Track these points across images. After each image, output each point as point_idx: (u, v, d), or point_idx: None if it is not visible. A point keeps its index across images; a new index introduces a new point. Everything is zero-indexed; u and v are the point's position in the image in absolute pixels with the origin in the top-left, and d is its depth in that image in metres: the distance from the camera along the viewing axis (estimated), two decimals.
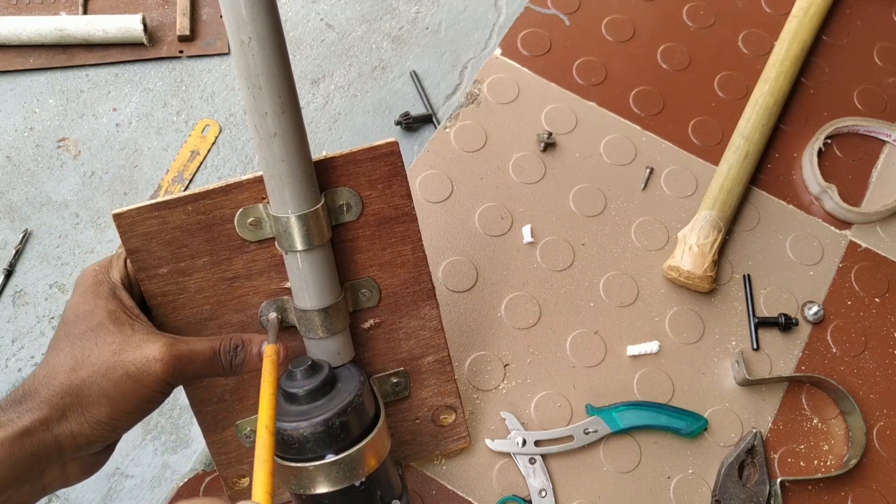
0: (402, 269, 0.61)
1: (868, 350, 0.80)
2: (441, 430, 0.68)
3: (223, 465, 0.62)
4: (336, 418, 0.52)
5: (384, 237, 0.59)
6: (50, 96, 0.93)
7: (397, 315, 0.62)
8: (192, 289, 0.56)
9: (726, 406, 0.77)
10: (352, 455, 0.52)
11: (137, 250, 0.55)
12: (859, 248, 0.85)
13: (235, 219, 0.55)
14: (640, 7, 0.96)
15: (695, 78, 0.93)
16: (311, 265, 0.54)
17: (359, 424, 0.53)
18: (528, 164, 0.85)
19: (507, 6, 0.99)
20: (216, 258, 0.56)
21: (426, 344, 0.64)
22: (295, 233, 0.53)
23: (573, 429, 0.73)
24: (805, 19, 0.92)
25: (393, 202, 0.59)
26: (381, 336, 0.62)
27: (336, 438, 0.51)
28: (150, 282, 0.56)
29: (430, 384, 0.66)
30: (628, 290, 0.81)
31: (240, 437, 0.61)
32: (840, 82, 0.94)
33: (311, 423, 0.51)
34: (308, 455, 0.51)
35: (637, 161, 0.87)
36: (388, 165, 0.58)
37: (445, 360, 0.65)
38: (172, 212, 0.54)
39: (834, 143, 0.90)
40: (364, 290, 0.60)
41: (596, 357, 0.78)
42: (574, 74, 0.91)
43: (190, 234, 0.55)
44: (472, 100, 0.88)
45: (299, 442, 0.51)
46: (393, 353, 0.63)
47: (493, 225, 0.82)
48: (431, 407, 0.67)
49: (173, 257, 0.55)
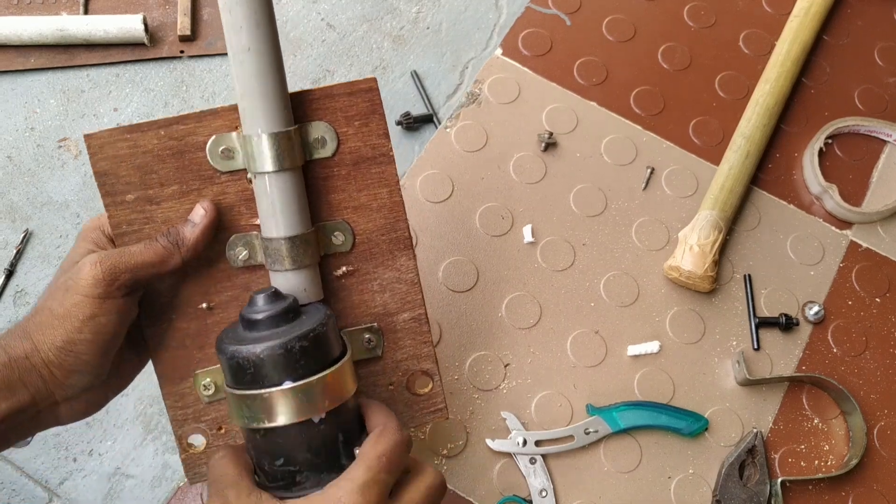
0: (379, 214, 0.59)
1: (869, 350, 0.80)
2: (416, 400, 0.62)
3: (178, 421, 0.58)
4: (296, 342, 0.49)
5: (360, 178, 0.58)
6: (51, 96, 0.93)
7: (372, 264, 0.59)
8: (159, 218, 0.55)
9: (727, 406, 0.77)
10: (311, 384, 0.48)
11: (106, 173, 0.54)
12: (860, 248, 0.85)
13: (207, 146, 0.55)
14: (641, 7, 0.96)
15: (696, 78, 0.93)
16: (280, 189, 0.53)
17: (321, 354, 0.50)
18: (529, 163, 0.85)
19: (508, 6, 0.99)
20: (186, 188, 0.55)
21: (402, 299, 0.60)
22: (266, 152, 0.52)
23: (574, 429, 0.73)
24: (806, 19, 0.92)
25: (370, 141, 0.58)
26: (354, 286, 0.59)
27: (295, 365, 0.48)
28: (117, 208, 0.54)
29: (406, 345, 0.61)
30: (629, 289, 0.81)
31: (198, 389, 0.57)
32: (841, 82, 0.94)
33: (269, 346, 0.48)
34: (264, 382, 0.48)
35: (638, 161, 0.87)
36: (366, 102, 0.57)
37: (422, 319, 0.61)
38: (145, 135, 0.54)
39: (835, 142, 0.90)
40: (337, 233, 0.58)
41: (596, 357, 0.78)
42: (575, 74, 0.91)
43: (160, 160, 0.55)
44: (473, 100, 0.88)
45: (255, 366, 0.48)
46: (366, 306, 0.60)
47: (493, 225, 0.82)
48: (406, 371, 0.62)
49: (142, 183, 0.54)
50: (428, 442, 0.73)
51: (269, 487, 0.49)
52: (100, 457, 0.78)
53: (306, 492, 0.48)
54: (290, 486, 0.49)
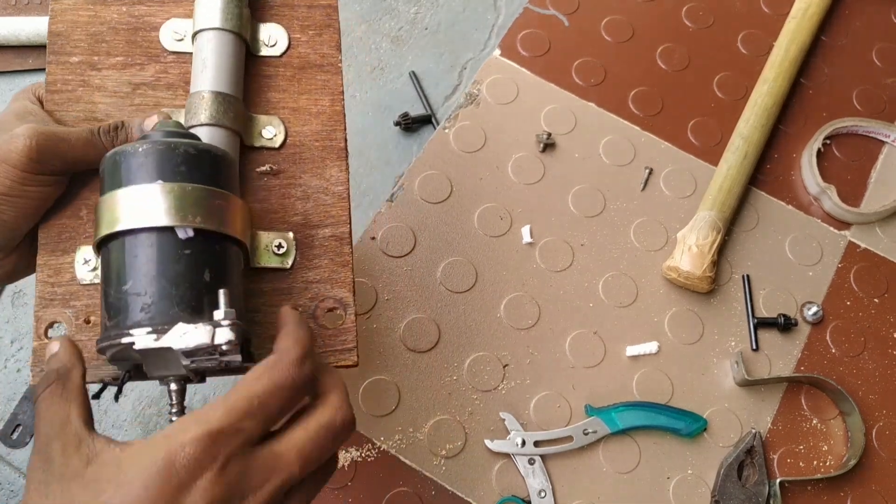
0: (317, 120, 0.59)
1: (867, 350, 0.80)
2: (323, 333, 0.55)
3: (44, 300, 0.51)
4: (183, 145, 0.46)
5: (304, 82, 0.59)
6: None
7: (300, 168, 0.57)
8: (95, 83, 0.56)
9: (725, 406, 0.77)
10: (185, 188, 0.45)
11: (59, 34, 0.56)
12: (858, 248, 0.85)
13: (161, 27, 0.58)
14: (639, 7, 0.96)
15: (694, 78, 0.93)
16: (216, 45, 0.55)
17: (208, 172, 0.47)
18: (528, 164, 0.85)
19: (506, 6, 0.99)
20: (130, 60, 0.57)
21: (325, 212, 0.57)
22: (215, 9, 0.55)
23: (572, 429, 0.73)
24: (804, 20, 0.92)
25: (320, 50, 0.60)
26: (277, 188, 0.57)
27: (174, 167, 0.45)
28: (58, 66, 0.56)
29: (321, 265, 0.56)
30: (627, 290, 0.81)
31: (77, 268, 0.52)
32: (839, 83, 0.94)
33: (153, 141, 0.46)
34: (136, 179, 0.44)
35: (636, 161, 0.87)
36: (324, 16, 0.60)
37: (345, 240, 0.56)
38: (107, 8, 0.57)
39: (833, 143, 0.90)
40: (269, 128, 0.57)
41: (595, 357, 0.78)
42: (573, 75, 0.91)
43: (115, 32, 0.57)
44: (472, 100, 0.88)
45: (131, 161, 0.45)
46: (285, 213, 0.56)
47: (492, 225, 0.82)
48: (316, 296, 0.55)
49: (90, 49, 0.57)
50: (426, 442, 0.73)
51: (108, 328, 0.44)
52: None
53: (148, 329, 0.42)
54: (133, 320, 0.43)
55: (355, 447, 0.72)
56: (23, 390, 0.79)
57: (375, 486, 0.71)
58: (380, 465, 0.72)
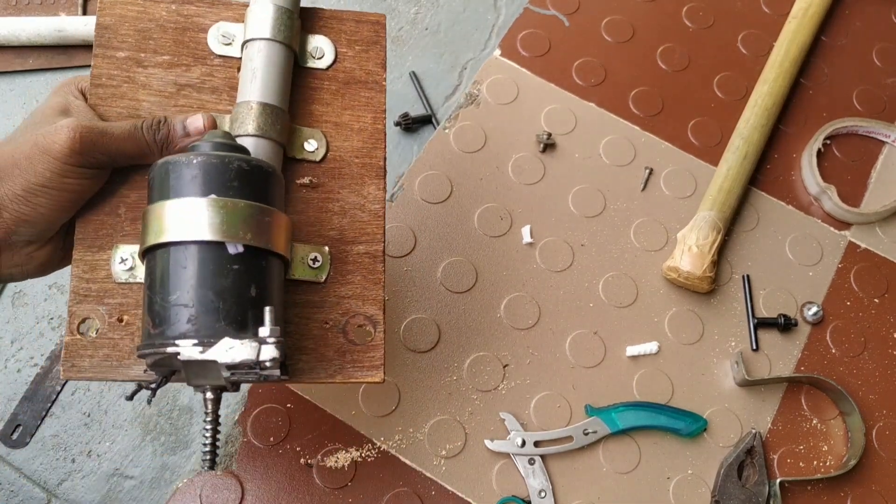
0: (358, 137, 0.59)
1: (867, 350, 0.80)
2: (351, 349, 0.56)
3: (79, 295, 0.52)
4: (236, 161, 0.46)
5: (348, 97, 0.59)
6: None
7: (338, 183, 0.58)
8: (140, 81, 0.56)
9: (725, 407, 0.77)
10: (238, 204, 0.45)
11: (107, 27, 0.56)
12: (858, 248, 0.85)
13: (210, 30, 0.57)
14: (639, 8, 0.96)
15: (694, 78, 0.93)
16: (266, 56, 0.55)
17: (258, 188, 0.47)
18: (528, 164, 0.85)
19: (507, 7, 0.99)
20: (177, 60, 0.57)
21: (361, 229, 0.57)
22: (267, 19, 0.54)
23: (572, 429, 0.73)
24: (804, 20, 0.93)
25: (366, 67, 0.60)
26: (315, 201, 0.57)
27: (227, 182, 0.46)
28: (104, 60, 0.55)
29: (354, 281, 0.56)
30: (628, 290, 0.81)
31: (113, 266, 0.52)
32: (839, 83, 0.94)
33: (206, 154, 0.46)
34: (188, 191, 0.45)
35: (636, 161, 0.87)
36: (372, 32, 0.60)
37: (378, 257, 0.57)
38: (157, 5, 0.57)
39: (833, 143, 0.90)
40: (311, 140, 0.57)
41: (595, 358, 0.78)
42: (573, 75, 0.91)
43: (163, 30, 0.57)
44: (472, 100, 0.88)
45: (183, 173, 0.45)
46: (321, 226, 0.57)
47: (492, 225, 0.82)
48: (347, 311, 0.56)
49: (137, 45, 0.56)
50: (426, 442, 0.73)
51: (152, 336, 0.44)
52: (98, 458, 0.78)
53: (194, 341, 0.43)
54: (179, 331, 0.44)
55: (355, 447, 0.72)
56: (23, 390, 0.79)
57: (375, 486, 0.71)
58: (380, 465, 0.72)
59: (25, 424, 0.77)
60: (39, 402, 0.82)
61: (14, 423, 0.77)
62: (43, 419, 0.79)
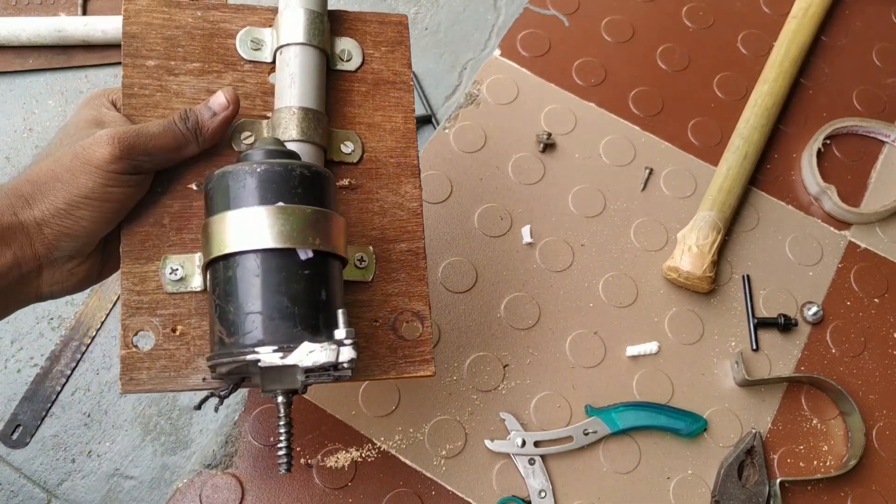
0: (391, 137, 0.60)
1: (867, 350, 0.80)
2: (402, 345, 0.57)
3: (131, 308, 0.52)
4: (298, 167, 0.47)
5: (378, 98, 0.60)
6: (49, 97, 0.93)
7: (376, 183, 0.59)
8: (172, 89, 0.55)
9: (725, 406, 0.77)
10: (305, 210, 0.46)
11: (134, 36, 0.55)
12: (858, 248, 0.85)
13: (239, 35, 0.57)
14: (639, 8, 0.96)
15: (694, 78, 0.93)
16: (302, 61, 0.55)
17: (318, 193, 0.48)
18: (528, 164, 0.85)
19: (507, 7, 0.99)
20: (207, 67, 0.56)
21: (401, 227, 0.59)
22: (300, 23, 0.55)
23: (573, 429, 0.73)
24: (804, 20, 0.93)
25: (393, 67, 0.60)
26: (355, 203, 0.58)
27: (292, 189, 0.46)
28: (134, 69, 0.55)
29: (399, 279, 0.58)
30: (628, 290, 0.81)
31: (162, 276, 0.52)
32: (839, 83, 0.94)
33: (269, 163, 0.47)
34: (253, 200, 0.46)
35: (636, 161, 0.87)
36: (395, 33, 0.61)
37: (420, 254, 0.59)
38: (182, 12, 0.56)
39: (833, 143, 0.90)
40: (347, 142, 0.58)
41: (595, 358, 0.78)
42: (573, 75, 0.91)
43: (190, 37, 0.56)
44: (472, 100, 0.88)
45: (248, 182, 0.46)
46: (364, 227, 0.58)
47: (492, 225, 0.82)
48: (395, 308, 0.57)
49: (166, 53, 0.56)
50: (427, 442, 0.73)
51: (227, 345, 0.45)
52: (98, 458, 0.78)
53: (274, 347, 0.44)
54: (257, 338, 0.45)
55: (355, 447, 0.72)
56: (23, 391, 0.79)
57: (376, 486, 0.71)
58: (380, 465, 0.72)
59: (25, 424, 0.77)
60: (39, 402, 0.82)
61: (14, 423, 0.77)
62: (43, 419, 0.79)
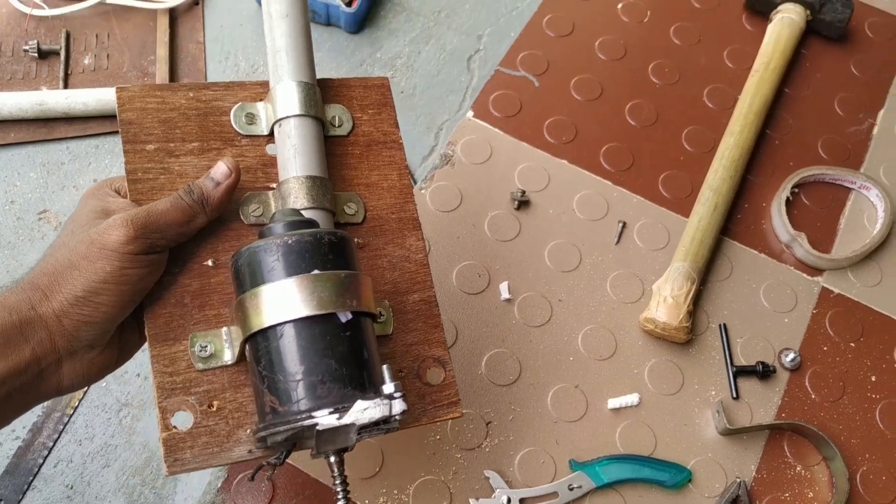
0: (389, 194, 0.61)
1: (846, 395, 0.81)
2: (429, 391, 0.59)
3: (165, 390, 0.52)
4: (326, 235, 0.49)
5: (372, 158, 0.62)
6: (31, 169, 0.94)
7: (382, 240, 0.61)
8: (175, 171, 0.56)
9: (709, 456, 0.77)
10: (339, 275, 0.48)
11: (131, 122, 0.56)
12: (832, 293, 0.86)
13: (232, 111, 0.58)
14: (606, 67, 0.99)
15: (662, 133, 0.95)
16: (302, 132, 0.56)
17: (346, 257, 0.50)
18: (503, 221, 0.87)
19: (479, 69, 1.02)
20: (206, 146, 0.57)
21: (411, 279, 0.61)
22: (294, 96, 0.56)
23: (558, 485, 0.73)
24: (766, 73, 0.96)
25: (382, 128, 0.63)
26: (365, 260, 0.60)
27: (324, 256, 0.48)
28: (135, 155, 0.55)
29: (416, 328, 0.60)
30: (606, 343, 0.81)
31: (192, 355, 0.53)
32: (804, 133, 0.97)
33: (300, 233, 0.48)
34: (288, 271, 0.47)
35: (609, 216, 0.88)
36: (379, 95, 0.63)
37: (432, 302, 0.61)
38: (174, 94, 0.57)
39: (801, 191, 0.92)
40: (350, 204, 0.59)
41: (577, 411, 0.78)
42: (545, 133, 0.93)
43: (186, 117, 0.57)
44: (447, 161, 0.90)
45: (282, 253, 0.47)
46: (377, 282, 0.59)
47: (470, 283, 0.83)
48: (417, 357, 0.59)
49: (164, 136, 0.56)
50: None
51: (280, 414, 0.46)
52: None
53: (330, 409, 0.45)
54: (312, 403, 0.46)
55: None
56: (4, 464, 0.79)
57: None
58: None
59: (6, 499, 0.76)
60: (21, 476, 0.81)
61: None
62: (25, 493, 0.78)
